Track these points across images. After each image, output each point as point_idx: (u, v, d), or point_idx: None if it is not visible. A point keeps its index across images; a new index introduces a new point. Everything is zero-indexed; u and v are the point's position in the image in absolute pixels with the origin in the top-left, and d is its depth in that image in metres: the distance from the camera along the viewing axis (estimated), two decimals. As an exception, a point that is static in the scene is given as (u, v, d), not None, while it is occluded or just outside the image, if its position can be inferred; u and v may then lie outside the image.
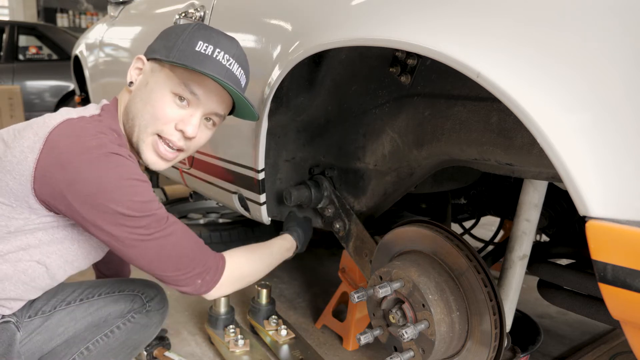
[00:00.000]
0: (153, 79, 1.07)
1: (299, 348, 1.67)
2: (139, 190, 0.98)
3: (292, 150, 1.39)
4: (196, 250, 1.06)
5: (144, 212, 0.98)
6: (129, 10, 2.33)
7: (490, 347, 0.99)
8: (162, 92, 1.05)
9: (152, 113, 1.05)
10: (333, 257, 2.60)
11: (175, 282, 1.05)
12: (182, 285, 1.06)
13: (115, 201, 0.95)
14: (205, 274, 1.07)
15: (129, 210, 0.96)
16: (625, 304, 0.63)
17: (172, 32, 1.09)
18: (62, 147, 0.95)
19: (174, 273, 1.04)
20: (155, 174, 3.01)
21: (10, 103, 4.88)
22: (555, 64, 0.65)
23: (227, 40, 1.08)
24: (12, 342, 1.08)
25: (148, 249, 1.00)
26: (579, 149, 0.63)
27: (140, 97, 1.08)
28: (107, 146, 0.98)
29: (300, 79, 1.25)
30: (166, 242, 1.01)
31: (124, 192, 0.96)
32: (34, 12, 8.98)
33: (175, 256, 1.03)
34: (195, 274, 1.06)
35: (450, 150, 1.08)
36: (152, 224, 0.99)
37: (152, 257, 1.01)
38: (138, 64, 1.12)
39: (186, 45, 1.04)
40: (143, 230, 0.98)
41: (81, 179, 0.94)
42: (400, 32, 0.84)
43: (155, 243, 1.00)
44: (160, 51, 1.07)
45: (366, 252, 1.32)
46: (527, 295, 2.08)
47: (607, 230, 0.61)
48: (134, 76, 1.11)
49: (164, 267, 1.03)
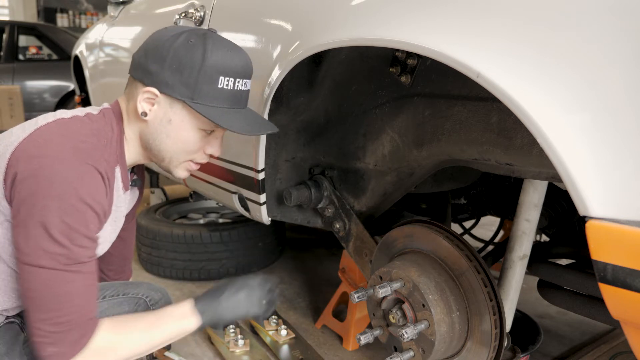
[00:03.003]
0: (177, 117, 1.03)
1: (299, 348, 1.67)
2: (79, 216, 0.89)
3: (292, 150, 1.39)
4: (75, 314, 0.92)
5: (63, 240, 0.88)
6: (129, 10, 2.33)
7: (490, 347, 0.99)
8: (191, 132, 1.05)
9: (183, 149, 1.07)
10: (333, 257, 2.60)
11: (32, 333, 0.92)
12: (35, 342, 0.91)
13: (48, 209, 0.87)
14: (61, 345, 0.91)
15: (51, 227, 0.87)
16: (625, 304, 0.63)
17: (184, 63, 0.99)
18: (39, 141, 0.92)
19: (37, 323, 0.90)
20: (156, 173, 3.01)
21: (10, 103, 4.88)
22: (555, 64, 0.65)
23: (239, 59, 1.03)
24: (15, 342, 1.09)
25: (35, 276, 0.89)
26: (579, 149, 0.63)
27: (167, 134, 1.05)
28: (85, 153, 0.93)
29: (300, 79, 1.25)
30: (56, 285, 0.90)
31: (63, 206, 0.88)
32: (34, 12, 8.98)
33: (52, 306, 0.90)
34: (52, 340, 0.91)
35: (450, 150, 1.08)
36: (60, 257, 0.89)
37: (31, 287, 0.90)
38: (147, 95, 1.02)
39: (209, 86, 0.99)
40: (47, 257, 0.88)
41: (38, 174, 0.88)
42: (401, 32, 0.84)
43: (46, 277, 0.89)
44: (179, 88, 0.99)
45: (366, 252, 1.32)
46: (527, 295, 2.08)
47: (607, 230, 0.61)
48: (146, 107, 1.03)
49: (35, 307, 0.91)
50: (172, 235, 2.21)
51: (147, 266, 2.34)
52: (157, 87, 1.01)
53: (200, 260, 2.23)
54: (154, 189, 3.07)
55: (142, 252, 2.34)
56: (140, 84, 1.03)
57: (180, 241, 2.21)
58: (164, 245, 2.24)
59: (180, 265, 2.24)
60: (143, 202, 3.03)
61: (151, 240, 2.27)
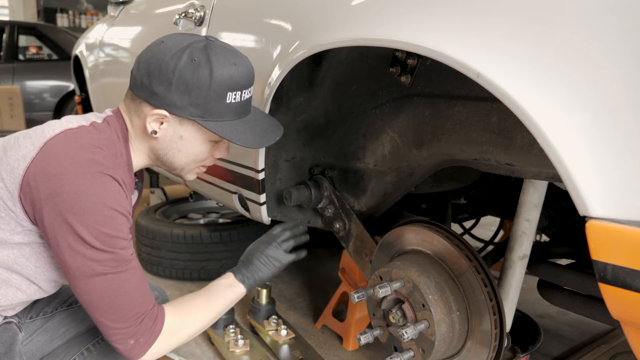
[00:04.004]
0: (188, 133, 1.06)
1: (299, 348, 1.67)
2: (113, 223, 0.95)
3: (292, 150, 1.39)
4: (141, 305, 1.00)
5: (107, 247, 0.94)
6: (129, 10, 2.33)
7: (490, 347, 0.99)
8: (202, 145, 1.09)
9: (194, 160, 1.13)
10: (333, 257, 2.60)
11: (109, 335, 1.00)
12: (114, 341, 1.00)
13: (84, 224, 0.92)
14: (139, 336, 1.00)
15: (92, 239, 0.92)
16: (625, 304, 0.63)
17: (191, 82, 0.99)
18: (53, 157, 0.94)
19: (110, 323, 0.98)
20: (156, 173, 3.01)
21: (10, 103, 4.88)
22: (555, 64, 0.65)
23: (243, 69, 1.04)
24: (13, 342, 1.09)
25: (94, 285, 0.95)
26: (579, 149, 0.63)
27: (178, 149, 1.09)
28: (100, 164, 0.95)
29: (300, 79, 1.25)
30: (114, 286, 0.97)
31: (96, 218, 0.92)
32: (34, 12, 8.98)
33: (118, 305, 0.97)
34: (130, 333, 0.99)
35: (450, 150, 1.08)
36: (109, 261, 0.95)
37: (94, 296, 0.96)
38: (156, 117, 1.03)
39: (218, 103, 1.01)
40: (97, 265, 0.94)
41: (62, 192, 0.91)
42: (401, 32, 0.84)
43: (103, 283, 0.96)
44: (188, 109, 1.01)
45: (366, 252, 1.32)
46: (527, 295, 2.08)
47: (607, 230, 0.61)
48: (155, 126, 1.05)
49: (102, 312, 0.98)
50: (172, 235, 2.21)
51: (147, 266, 2.34)
52: (166, 109, 1.02)
53: (200, 260, 2.23)
54: (154, 189, 3.07)
55: (142, 252, 2.34)
56: (147, 105, 1.03)
57: (180, 241, 2.21)
58: (164, 245, 2.23)
59: (180, 265, 2.23)
60: (143, 202, 3.04)
61: (151, 240, 2.27)
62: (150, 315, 1.02)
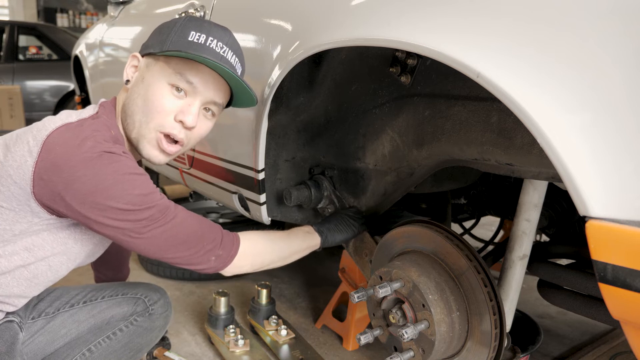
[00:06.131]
0: (149, 73, 1.07)
1: (299, 348, 1.67)
2: (137, 184, 0.98)
3: (292, 150, 1.39)
4: (204, 229, 1.07)
5: (145, 205, 0.98)
6: (129, 10, 2.33)
7: (490, 347, 0.99)
8: (158, 85, 1.05)
9: (150, 107, 1.05)
10: (333, 257, 2.60)
11: (189, 263, 1.06)
12: (196, 264, 1.07)
13: (114, 198, 0.95)
14: (217, 250, 1.07)
15: (129, 205, 0.96)
16: (625, 304, 0.63)
17: (165, 27, 1.09)
18: (58, 150, 0.95)
19: (185, 254, 1.04)
20: (155, 174, 3.00)
21: (10, 103, 4.88)
22: (555, 64, 0.65)
23: (219, 29, 1.08)
24: (14, 342, 1.09)
25: (155, 237, 1.01)
26: (579, 149, 0.63)
27: (138, 93, 1.07)
28: (100, 145, 0.97)
29: (300, 78, 1.25)
30: (172, 227, 1.02)
31: (122, 187, 0.96)
32: (34, 12, 8.98)
33: (183, 238, 1.03)
34: (207, 251, 1.06)
35: (451, 150, 1.08)
36: (155, 214, 0.99)
37: (160, 244, 1.02)
38: (133, 62, 1.11)
39: (179, 37, 1.04)
40: (147, 222, 0.99)
41: (77, 179, 0.93)
42: (400, 32, 0.84)
43: (161, 230, 1.00)
44: (154, 46, 1.07)
45: (366, 252, 1.32)
46: (527, 295, 2.08)
47: (607, 230, 0.61)
48: (130, 74, 1.11)
49: (174, 250, 1.03)
50: (172, 235, 2.21)
51: (147, 266, 2.34)
52: (141, 53, 1.10)
53: (200, 260, 2.23)
54: (154, 189, 3.06)
55: (142, 252, 2.34)
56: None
57: (180, 241, 2.21)
58: (164, 245, 2.23)
59: (180, 265, 2.23)
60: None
61: (151, 240, 2.27)
62: (228, 235, 1.10)
